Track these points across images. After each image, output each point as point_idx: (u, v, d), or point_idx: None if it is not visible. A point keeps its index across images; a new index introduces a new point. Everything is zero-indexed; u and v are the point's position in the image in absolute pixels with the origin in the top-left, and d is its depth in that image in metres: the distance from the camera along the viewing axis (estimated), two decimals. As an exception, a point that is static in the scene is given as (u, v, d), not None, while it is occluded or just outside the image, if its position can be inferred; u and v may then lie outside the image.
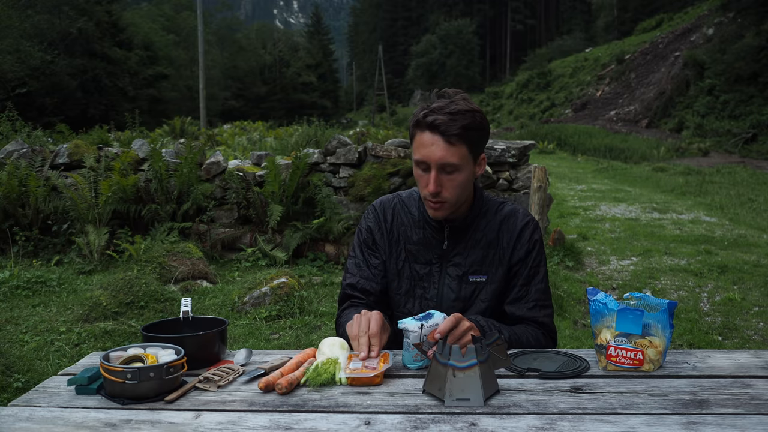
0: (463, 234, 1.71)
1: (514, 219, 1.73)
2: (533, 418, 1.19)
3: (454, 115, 1.53)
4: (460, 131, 1.53)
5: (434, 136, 1.54)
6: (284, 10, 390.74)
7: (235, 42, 59.72)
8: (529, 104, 40.71)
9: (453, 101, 1.56)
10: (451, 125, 1.52)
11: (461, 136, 1.53)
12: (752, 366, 1.46)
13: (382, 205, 1.82)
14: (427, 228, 1.73)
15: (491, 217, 1.73)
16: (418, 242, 1.74)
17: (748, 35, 22.57)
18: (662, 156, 18.67)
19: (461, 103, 1.56)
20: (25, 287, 5.22)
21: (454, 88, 1.66)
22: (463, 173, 1.59)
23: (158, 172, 6.30)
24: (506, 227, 1.72)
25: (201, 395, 1.34)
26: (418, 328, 1.43)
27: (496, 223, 1.72)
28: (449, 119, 1.52)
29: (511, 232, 1.71)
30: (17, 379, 3.26)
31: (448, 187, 1.59)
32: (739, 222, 8.50)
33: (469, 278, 1.70)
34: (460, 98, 1.58)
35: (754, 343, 4.20)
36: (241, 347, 1.97)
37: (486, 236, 1.71)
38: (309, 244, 6.22)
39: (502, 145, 6.44)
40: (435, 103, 1.57)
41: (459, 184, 1.59)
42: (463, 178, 1.59)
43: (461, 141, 1.54)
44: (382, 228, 1.79)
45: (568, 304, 4.93)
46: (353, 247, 1.83)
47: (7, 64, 24.67)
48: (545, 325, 1.72)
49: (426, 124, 1.55)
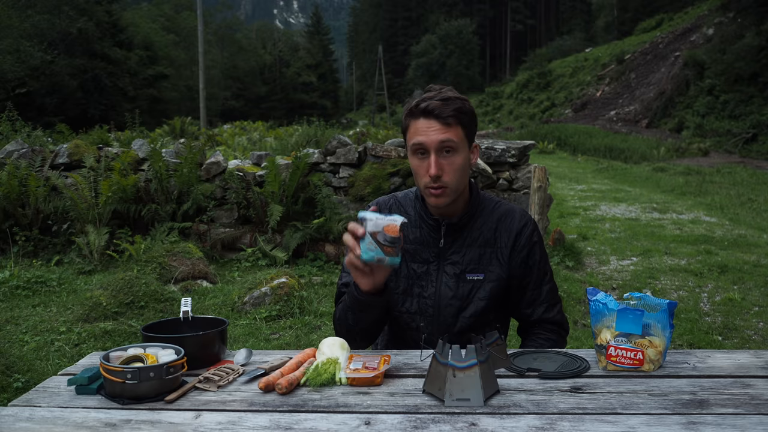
0: (460, 232, 1.73)
1: (512, 218, 1.75)
2: (533, 418, 1.19)
3: (446, 101, 1.59)
4: (455, 113, 1.59)
5: (429, 120, 1.59)
6: (284, 10, 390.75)
7: (235, 42, 59.74)
8: (529, 104, 40.70)
9: (441, 91, 1.63)
10: (445, 108, 1.58)
11: (456, 117, 1.59)
12: (752, 366, 1.46)
13: (378, 206, 1.84)
14: (424, 227, 1.75)
15: (488, 215, 1.75)
16: (415, 241, 1.75)
17: (748, 35, 22.56)
18: (662, 156, 18.67)
19: (449, 92, 1.63)
20: (25, 287, 5.22)
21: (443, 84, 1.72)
22: (460, 155, 1.62)
23: (158, 172, 6.30)
24: (503, 226, 1.74)
25: (201, 395, 1.34)
26: (375, 217, 1.48)
27: (493, 221, 1.74)
28: (442, 104, 1.59)
29: (509, 232, 1.73)
30: (17, 379, 3.27)
31: (448, 170, 1.61)
32: (739, 222, 8.50)
33: (467, 276, 1.71)
34: (447, 89, 1.65)
35: (754, 343, 4.20)
36: (241, 347, 1.98)
37: (483, 234, 1.73)
38: (309, 244, 6.22)
39: (502, 145, 6.44)
40: (425, 95, 1.63)
41: (458, 167, 1.62)
42: (460, 162, 1.63)
43: (456, 122, 1.60)
44: None
45: (568, 304, 4.93)
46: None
47: (7, 64, 24.68)
48: (558, 322, 1.79)
49: (420, 111, 1.60)
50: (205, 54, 27.02)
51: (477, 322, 1.71)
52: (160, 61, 42.32)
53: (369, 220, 1.49)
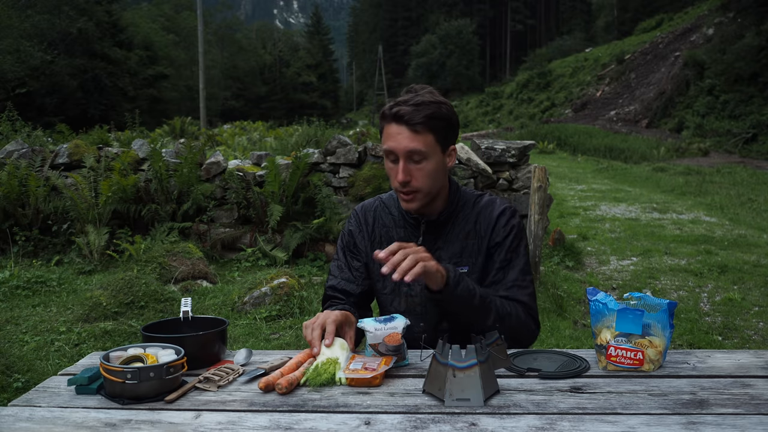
0: (441, 229, 1.73)
1: (491, 208, 1.74)
2: (533, 418, 1.19)
3: (417, 106, 1.57)
4: (424, 120, 1.57)
5: (400, 126, 1.58)
6: (284, 10, 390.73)
7: (235, 42, 59.75)
8: (529, 104, 40.69)
9: (418, 94, 1.61)
10: (415, 115, 1.56)
11: (425, 124, 1.57)
12: (752, 366, 1.46)
13: (363, 209, 1.86)
14: (407, 226, 1.76)
15: (469, 209, 1.75)
16: (399, 241, 1.75)
17: (748, 35, 22.56)
18: (662, 156, 18.67)
19: (426, 96, 1.60)
20: (25, 287, 5.22)
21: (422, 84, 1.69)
22: (431, 162, 1.61)
23: (158, 172, 6.30)
24: (483, 217, 1.73)
25: (201, 395, 1.34)
26: (374, 329, 1.46)
27: (474, 215, 1.74)
28: (413, 110, 1.57)
29: (488, 221, 1.72)
30: (17, 379, 3.27)
31: (417, 176, 1.61)
32: (739, 222, 8.50)
33: None
34: (426, 92, 1.62)
35: (754, 343, 4.20)
36: (241, 347, 1.98)
37: (464, 228, 1.73)
38: (309, 244, 6.22)
39: (502, 145, 6.44)
40: (401, 97, 1.62)
41: (428, 173, 1.61)
42: (431, 167, 1.61)
43: (426, 129, 1.58)
44: (363, 231, 1.82)
45: (568, 304, 4.93)
46: (337, 250, 1.89)
47: (7, 64, 24.68)
48: (525, 304, 1.68)
49: (391, 116, 1.59)
50: (205, 54, 27.02)
51: None
52: (160, 61, 42.31)
53: (368, 332, 1.47)
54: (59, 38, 30.50)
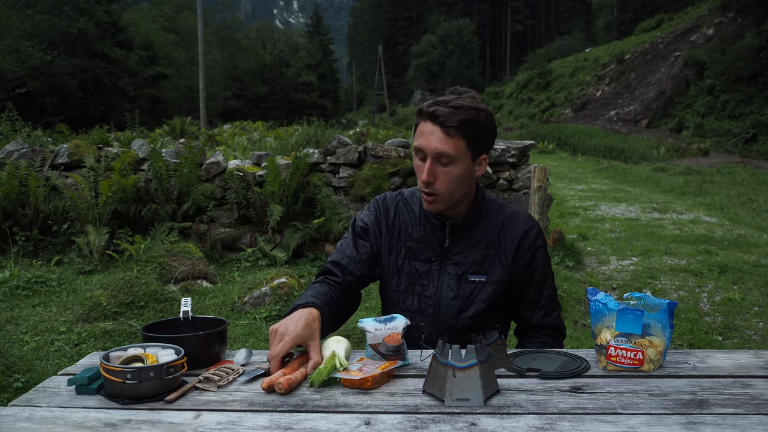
0: (464, 233, 1.72)
1: (516, 222, 1.73)
2: (533, 418, 1.19)
3: (455, 109, 1.55)
4: (459, 124, 1.55)
5: (434, 126, 1.57)
6: (284, 10, 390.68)
7: (235, 42, 59.71)
8: (529, 104, 40.70)
9: (459, 97, 1.59)
10: (451, 117, 1.55)
11: (459, 129, 1.55)
12: (752, 366, 1.46)
13: (385, 201, 1.83)
14: (428, 226, 1.74)
15: (493, 217, 1.74)
16: (419, 239, 1.75)
17: (748, 35, 22.56)
18: (662, 156, 18.67)
19: (467, 100, 1.58)
20: (25, 287, 5.22)
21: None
22: (458, 167, 1.60)
23: (158, 172, 6.30)
24: (508, 229, 1.72)
25: (201, 395, 1.34)
26: (374, 329, 1.46)
27: (498, 224, 1.73)
28: (450, 112, 1.55)
29: (513, 235, 1.72)
30: (17, 379, 3.26)
31: (442, 179, 1.60)
32: (739, 222, 8.50)
33: (469, 278, 1.71)
34: (468, 96, 1.61)
35: (754, 343, 4.20)
36: (241, 347, 1.97)
37: (487, 236, 1.72)
38: (309, 244, 6.22)
39: (502, 145, 6.44)
40: (442, 97, 1.61)
41: (453, 178, 1.60)
42: (457, 173, 1.60)
43: (459, 134, 1.56)
44: (381, 223, 1.80)
45: (568, 304, 4.93)
46: (347, 232, 1.85)
47: (7, 64, 24.68)
48: (556, 327, 1.79)
49: (427, 114, 1.58)
50: (205, 54, 27.02)
51: (477, 322, 1.71)
52: (160, 61, 42.29)
53: (368, 332, 1.47)
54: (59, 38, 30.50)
